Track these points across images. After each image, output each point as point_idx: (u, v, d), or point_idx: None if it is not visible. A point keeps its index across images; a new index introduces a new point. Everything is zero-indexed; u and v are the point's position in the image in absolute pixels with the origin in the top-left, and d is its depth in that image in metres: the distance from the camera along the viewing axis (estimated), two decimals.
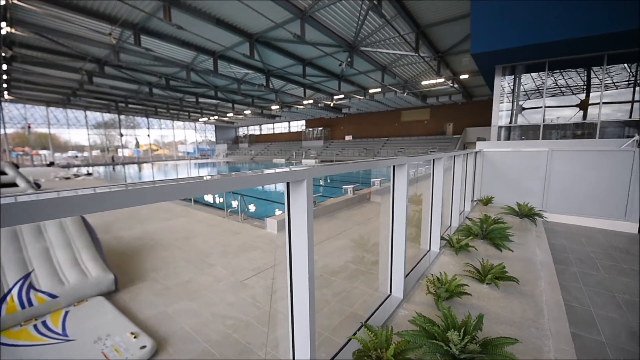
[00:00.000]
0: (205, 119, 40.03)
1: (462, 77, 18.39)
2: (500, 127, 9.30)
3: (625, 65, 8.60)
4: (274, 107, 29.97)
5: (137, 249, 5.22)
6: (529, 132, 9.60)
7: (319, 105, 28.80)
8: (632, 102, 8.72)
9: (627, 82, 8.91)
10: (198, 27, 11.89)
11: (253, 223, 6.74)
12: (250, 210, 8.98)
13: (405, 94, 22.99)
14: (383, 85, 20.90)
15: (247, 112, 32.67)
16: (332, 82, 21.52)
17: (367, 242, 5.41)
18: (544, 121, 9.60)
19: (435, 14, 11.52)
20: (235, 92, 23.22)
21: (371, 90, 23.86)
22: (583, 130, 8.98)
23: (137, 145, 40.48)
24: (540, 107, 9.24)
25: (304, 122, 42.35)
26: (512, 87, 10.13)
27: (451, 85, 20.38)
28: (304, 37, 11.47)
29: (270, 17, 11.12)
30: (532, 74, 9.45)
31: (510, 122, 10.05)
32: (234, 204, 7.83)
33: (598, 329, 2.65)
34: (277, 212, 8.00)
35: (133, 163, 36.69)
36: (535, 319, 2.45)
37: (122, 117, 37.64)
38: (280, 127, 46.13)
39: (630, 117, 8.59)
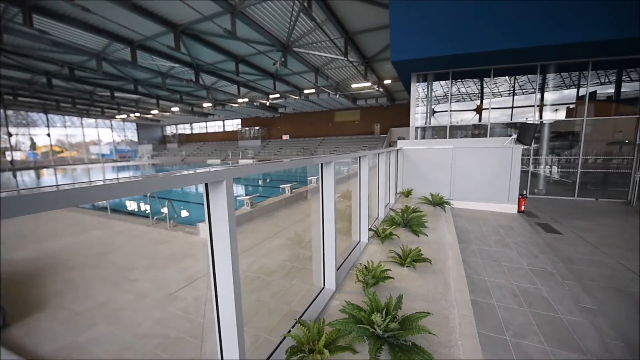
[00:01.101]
0: (124, 115, 35.27)
1: (385, 82, 19.94)
2: (417, 128, 10.42)
3: (507, 77, 10.44)
4: (205, 104, 28.10)
5: (35, 272, 4.36)
6: (440, 132, 10.98)
7: (255, 104, 28.05)
8: (512, 107, 10.64)
9: (508, 92, 10.83)
10: (111, 12, 10.41)
11: (184, 230, 6.23)
12: (182, 216, 8.29)
13: (337, 96, 23.93)
14: (317, 87, 21.39)
15: (175, 109, 29.96)
16: (267, 81, 21.17)
17: (304, 239, 5.50)
18: (450, 123, 11.07)
19: (362, 22, 12.22)
20: (160, 86, 21.06)
21: (306, 91, 24.20)
22: (479, 131, 10.64)
23: (33, 146, 33.53)
24: (447, 111, 10.65)
25: (239, 121, 40.73)
26: (426, 93, 11.43)
27: (377, 89, 21.94)
28: (235, 32, 11.02)
29: (197, 9, 10.37)
30: (441, 82, 10.82)
31: (426, 124, 11.33)
32: (163, 210, 7.13)
33: (490, 294, 3.19)
34: None
35: (27, 169, 30.24)
36: (444, 292, 2.82)
37: (10, 112, 30.74)
38: (214, 126, 43.49)
39: (511, 119, 10.48)
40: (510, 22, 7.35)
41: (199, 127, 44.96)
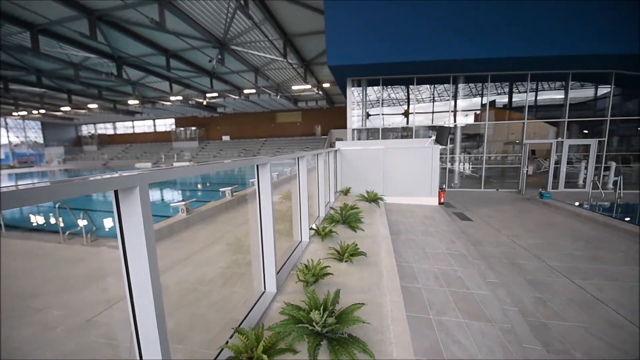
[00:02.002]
0: (24, 112, 29.34)
1: (324, 85, 20.48)
2: (353, 130, 10.96)
3: (428, 86, 11.63)
4: (131, 101, 25.07)
5: None
6: (375, 134, 11.73)
7: (190, 102, 26.06)
8: (433, 112, 11.88)
9: (430, 98, 12.08)
10: None
11: (107, 243, 5.45)
12: (106, 229, 7.25)
13: (278, 97, 23.72)
14: (257, 87, 20.86)
15: (93, 106, 26.09)
16: (203, 78, 19.85)
17: (245, 243, 5.32)
18: (383, 125, 11.90)
19: (301, 25, 12.29)
20: (72, 79, 18.09)
21: (246, 91, 23.40)
22: (407, 133, 11.67)
23: None
24: (380, 114, 11.44)
25: (173, 120, 37.36)
26: (361, 97, 12.07)
27: (317, 92, 22.39)
28: (165, 24, 10.06)
29: None
30: (374, 87, 11.55)
31: (362, 126, 11.97)
32: (81, 223, 6.11)
33: (417, 279, 3.52)
34: None
35: None
36: (378, 282, 3.01)
37: None
38: (143, 126, 39.08)
39: (432, 123, 11.71)
40: (430, 37, 8.21)
41: (124, 127, 39.91)
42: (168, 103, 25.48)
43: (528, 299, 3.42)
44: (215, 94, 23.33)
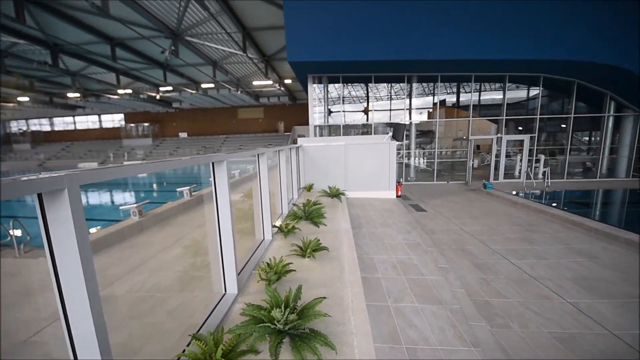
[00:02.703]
0: None
1: (286, 81, 20.23)
2: (315, 126, 11.00)
3: (385, 84, 12.02)
4: (71, 94, 22.44)
5: None
6: (337, 130, 11.88)
7: (142, 96, 24.08)
8: (390, 110, 12.35)
9: (387, 97, 12.51)
10: None
11: (45, 254, 4.83)
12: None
13: (239, 92, 22.91)
14: (216, 81, 19.93)
15: (23, 98, 22.90)
16: (155, 70, 18.42)
17: (204, 245, 5.08)
18: (344, 122, 12.10)
19: (260, 19, 11.94)
20: None
21: (204, 85, 22.23)
22: (367, 129, 12.01)
23: None
24: (340, 111, 11.62)
25: (122, 116, 34.21)
26: (323, 94, 12.13)
27: (279, 87, 22.03)
28: (108, 10, 9.12)
29: None
30: (335, 85, 11.67)
31: (324, 122, 12.06)
32: (13, 232, 5.32)
33: (377, 269, 3.66)
34: (93, 230, 6.14)
35: None
36: (340, 275, 3.06)
37: None
38: (87, 122, 35.27)
39: (390, 120, 12.17)
40: (384, 37, 8.50)
41: (64, 123, 35.66)
42: (115, 97, 23.28)
43: (474, 280, 3.74)
44: (170, 88, 21.83)
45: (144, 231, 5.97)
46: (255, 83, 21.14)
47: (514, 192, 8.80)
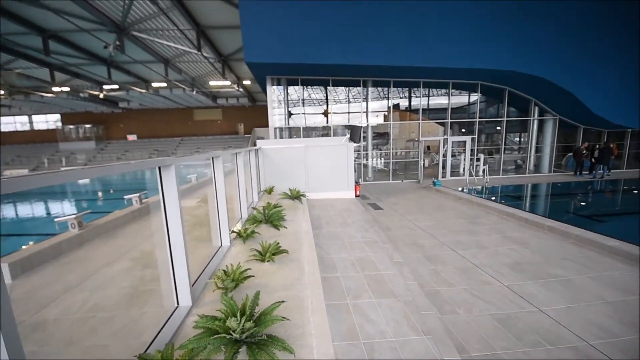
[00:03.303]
0: None
1: (245, 82, 19.68)
2: (275, 128, 10.86)
3: (343, 87, 12.30)
4: None
5: None
6: (298, 132, 11.86)
7: (82, 95, 21.64)
8: (349, 113, 12.66)
9: (346, 100, 12.81)
10: None
11: None
12: None
13: (194, 92, 21.73)
14: (168, 80, 18.67)
15: None
16: (97, 67, 16.71)
17: (156, 256, 4.71)
18: (305, 124, 12.13)
19: (216, 18, 11.45)
20: None
21: (155, 84, 20.69)
22: (327, 131, 12.17)
23: None
24: (300, 114, 11.63)
25: (58, 116, 30.38)
26: (283, 96, 12.02)
27: (237, 88, 21.35)
28: None
29: None
30: (295, 87, 11.64)
31: (286, 124, 11.96)
32: None
33: (336, 268, 3.70)
34: (24, 247, 5.35)
35: None
36: (300, 277, 3.04)
37: None
38: (14, 123, 30.67)
39: (348, 122, 12.47)
40: (341, 43, 8.69)
41: None
42: (49, 95, 20.62)
43: (426, 272, 3.99)
44: (115, 86, 19.95)
45: (84, 245, 5.34)
46: (212, 83, 20.25)
47: (460, 189, 9.59)
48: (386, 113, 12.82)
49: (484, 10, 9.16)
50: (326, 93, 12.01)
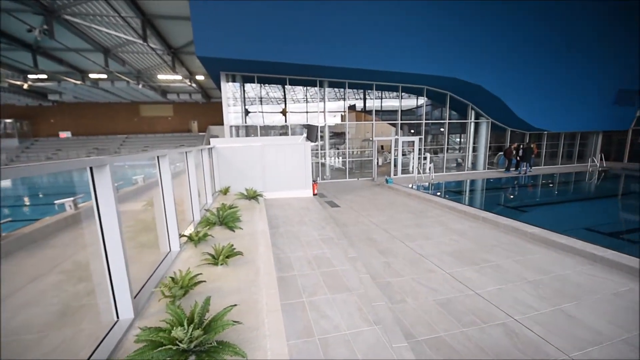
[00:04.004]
0: None
1: (198, 77, 18.57)
2: (231, 127, 10.43)
3: (301, 87, 12.27)
4: None
5: None
6: (256, 131, 11.53)
7: (1, 85, 18.44)
8: (307, 112, 12.67)
9: (304, 99, 12.80)
10: None
11: None
12: None
13: (140, 86, 19.88)
14: (109, 72, 16.79)
15: None
16: (20, 53, 14.36)
17: (94, 267, 4.21)
18: (263, 123, 11.85)
19: (163, 7, 10.57)
20: None
21: (92, 75, 18.47)
22: (285, 130, 12.04)
23: None
24: (258, 112, 11.33)
25: None
26: (239, 93, 11.58)
27: (189, 84, 20.06)
28: None
29: None
30: (252, 84, 11.29)
31: (243, 123, 11.54)
32: None
33: (293, 267, 3.69)
34: None
35: None
36: (255, 278, 2.96)
37: None
38: None
39: (307, 121, 12.49)
40: (295, 42, 8.64)
41: None
42: None
43: (378, 264, 4.17)
44: (44, 76, 17.38)
45: (4, 259, 4.56)
46: (160, 77, 18.73)
47: (410, 185, 10.23)
48: (343, 113, 13.10)
49: (429, 21, 9.85)
50: (284, 92, 11.87)
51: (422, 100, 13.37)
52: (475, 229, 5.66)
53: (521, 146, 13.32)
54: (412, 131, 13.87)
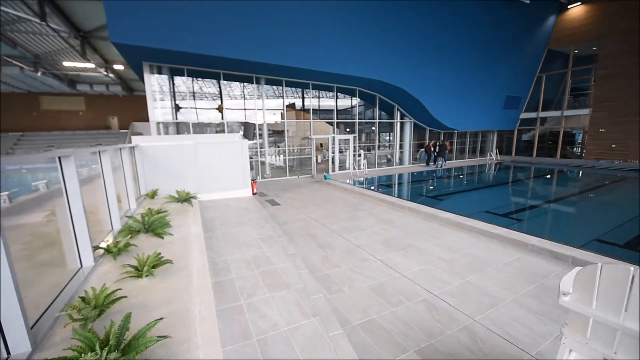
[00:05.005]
0: None
1: (116, 67, 16.16)
2: (158, 123, 9.37)
3: (238, 83, 11.71)
4: None
5: None
6: (189, 129, 10.58)
7: None
8: (245, 109, 12.17)
9: (241, 96, 12.25)
10: None
11: None
12: None
13: (39, 74, 16.34)
14: None
15: None
16: None
17: None
18: (198, 119, 10.96)
19: None
20: None
21: None
22: (222, 128, 11.37)
23: None
24: (190, 108, 10.42)
25: None
26: (169, 87, 10.45)
27: (106, 73, 17.31)
28: None
29: None
30: (182, 78, 10.29)
31: (173, 119, 10.46)
32: None
33: (230, 270, 3.52)
34: None
35: None
36: (187, 286, 2.74)
37: None
38: None
39: (245, 119, 12.01)
40: (225, 35, 8.16)
41: None
42: None
43: (317, 258, 4.27)
44: None
45: None
46: (67, 64, 15.70)
47: (347, 181, 10.74)
48: (282, 111, 12.98)
49: (358, 24, 10.36)
50: (220, 87, 11.17)
51: (355, 101, 14.12)
52: (402, 218, 6.25)
53: (437, 143, 15.19)
54: (348, 130, 14.54)
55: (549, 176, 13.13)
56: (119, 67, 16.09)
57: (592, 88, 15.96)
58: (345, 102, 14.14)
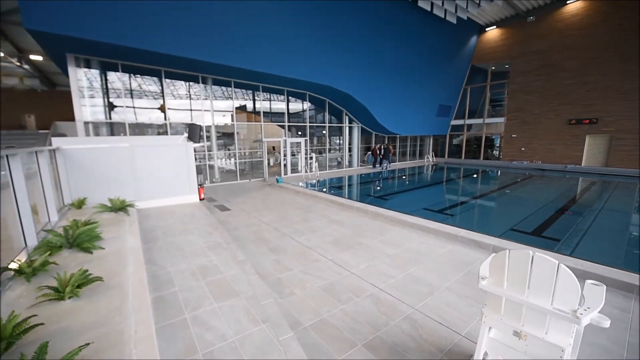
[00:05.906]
0: None
1: (34, 57, 13.72)
2: (87, 123, 8.22)
3: (183, 82, 10.95)
4: None
5: None
6: (126, 129, 9.48)
7: None
8: (191, 110, 11.44)
9: (187, 96, 11.46)
10: None
11: None
12: None
13: None
14: None
15: None
16: None
17: None
18: (137, 120, 9.91)
19: None
20: None
21: None
22: (163, 129, 10.47)
23: None
24: (125, 107, 9.37)
25: None
26: (101, 82, 9.23)
27: (19, 64, 14.57)
28: None
29: None
30: (117, 73, 9.20)
31: (107, 119, 9.27)
32: None
33: (173, 283, 3.27)
34: None
35: None
36: (121, 305, 2.47)
37: None
38: None
39: (191, 120, 11.26)
40: (169, 30, 7.56)
41: None
42: None
43: (269, 263, 4.21)
44: None
45: None
46: None
47: (299, 184, 10.79)
48: (232, 113, 12.49)
49: (306, 29, 10.51)
50: (162, 85, 10.28)
51: (306, 105, 14.30)
52: (351, 217, 6.51)
53: (383, 147, 16.22)
54: (300, 133, 14.64)
55: (475, 176, 14.99)
56: (37, 57, 13.68)
57: (506, 100, 18.70)
58: (296, 105, 14.22)
